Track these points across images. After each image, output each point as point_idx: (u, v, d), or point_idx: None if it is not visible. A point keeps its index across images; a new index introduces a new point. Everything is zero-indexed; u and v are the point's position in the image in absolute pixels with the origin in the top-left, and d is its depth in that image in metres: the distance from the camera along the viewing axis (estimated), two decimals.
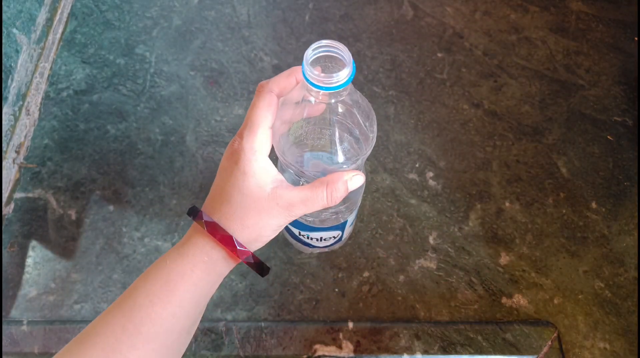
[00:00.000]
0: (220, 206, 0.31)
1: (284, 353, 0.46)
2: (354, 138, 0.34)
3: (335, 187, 0.32)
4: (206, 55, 0.64)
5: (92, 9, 0.67)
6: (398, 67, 0.65)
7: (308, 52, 0.29)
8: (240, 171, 0.30)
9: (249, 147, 0.31)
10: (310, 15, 0.68)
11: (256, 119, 0.31)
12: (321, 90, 0.29)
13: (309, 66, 0.29)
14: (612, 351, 0.48)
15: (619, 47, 0.69)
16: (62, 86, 0.61)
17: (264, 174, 0.31)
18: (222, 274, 0.32)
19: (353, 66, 0.30)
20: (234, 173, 0.31)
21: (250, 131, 0.31)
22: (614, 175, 0.58)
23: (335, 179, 0.32)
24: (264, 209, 0.31)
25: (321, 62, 0.31)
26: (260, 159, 0.31)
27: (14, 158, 0.55)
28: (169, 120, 0.59)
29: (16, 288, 0.49)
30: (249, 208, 0.30)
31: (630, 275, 0.52)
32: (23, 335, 0.46)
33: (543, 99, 0.63)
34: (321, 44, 0.30)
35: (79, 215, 0.52)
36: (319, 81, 0.29)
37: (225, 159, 0.32)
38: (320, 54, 0.30)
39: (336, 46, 0.30)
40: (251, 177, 0.30)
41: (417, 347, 0.47)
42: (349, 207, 0.41)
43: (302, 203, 0.31)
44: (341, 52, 0.30)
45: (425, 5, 0.70)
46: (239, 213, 0.30)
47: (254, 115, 0.31)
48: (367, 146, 0.35)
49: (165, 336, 0.29)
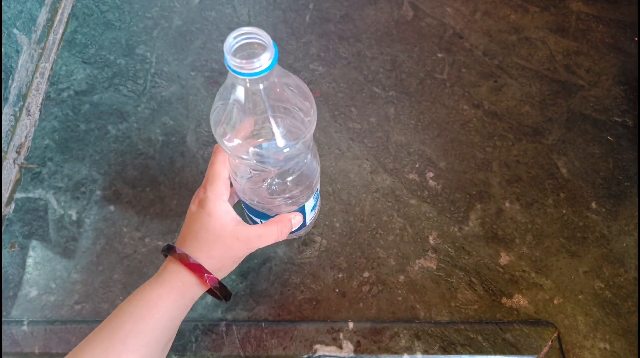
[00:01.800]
0: (190, 242, 0.37)
1: (284, 353, 0.46)
2: (295, 119, 0.35)
3: (284, 225, 0.41)
4: (207, 55, 0.64)
5: (93, 9, 0.67)
6: (398, 67, 0.65)
7: (228, 42, 0.30)
8: (206, 214, 0.37)
9: (212, 195, 0.38)
10: (311, 15, 0.69)
11: (216, 173, 0.39)
12: (246, 77, 0.29)
13: (230, 55, 0.29)
14: (612, 351, 0.48)
15: (619, 47, 0.69)
16: (63, 86, 0.61)
17: (226, 216, 0.38)
18: (194, 298, 0.38)
19: (275, 49, 0.30)
20: (201, 216, 0.37)
21: (212, 183, 0.38)
22: (614, 175, 0.58)
23: (283, 219, 0.41)
24: (227, 244, 0.37)
25: (247, 50, 0.31)
26: (222, 204, 0.38)
27: (15, 158, 0.55)
28: (170, 120, 0.59)
29: (16, 288, 0.49)
30: (214, 243, 0.37)
31: (630, 275, 0.52)
32: (23, 335, 0.46)
33: (543, 100, 0.63)
34: (240, 31, 0.30)
35: (80, 215, 0.52)
36: (241, 67, 0.29)
37: (193, 205, 0.39)
38: (241, 42, 0.30)
39: (255, 32, 0.30)
40: (216, 218, 0.37)
41: (417, 347, 0.47)
42: (303, 191, 0.42)
43: (257, 238, 0.39)
44: (261, 37, 0.30)
45: (425, 5, 0.70)
46: (205, 247, 0.37)
47: (213, 171, 0.39)
48: (309, 126, 0.35)
49: (146, 348, 0.34)
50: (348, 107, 0.61)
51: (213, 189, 0.38)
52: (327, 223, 0.53)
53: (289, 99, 0.34)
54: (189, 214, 0.39)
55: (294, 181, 0.41)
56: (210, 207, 0.37)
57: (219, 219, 0.37)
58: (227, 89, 0.33)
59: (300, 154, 0.38)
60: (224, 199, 0.39)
